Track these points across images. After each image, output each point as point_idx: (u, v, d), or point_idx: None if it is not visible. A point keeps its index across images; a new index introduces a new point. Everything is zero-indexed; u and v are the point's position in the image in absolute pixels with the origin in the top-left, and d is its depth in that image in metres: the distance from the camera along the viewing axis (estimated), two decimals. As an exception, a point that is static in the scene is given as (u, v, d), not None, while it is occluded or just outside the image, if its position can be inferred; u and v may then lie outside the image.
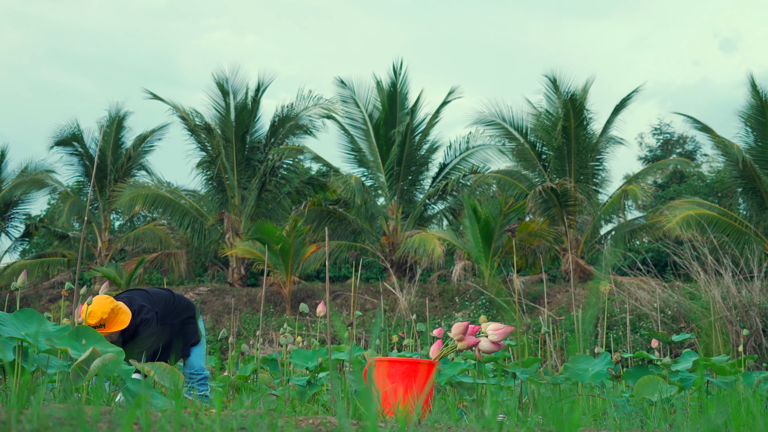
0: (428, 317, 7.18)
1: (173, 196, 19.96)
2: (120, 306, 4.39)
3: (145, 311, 4.52)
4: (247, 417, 1.88)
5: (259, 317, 16.29)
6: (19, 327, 3.15)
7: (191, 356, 4.86)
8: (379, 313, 16.00)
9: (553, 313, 13.98)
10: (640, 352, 4.67)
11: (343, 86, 19.91)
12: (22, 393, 1.97)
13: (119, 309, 4.37)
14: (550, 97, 18.78)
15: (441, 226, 21.38)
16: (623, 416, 3.86)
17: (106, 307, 4.29)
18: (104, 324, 4.29)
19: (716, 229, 15.85)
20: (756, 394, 3.53)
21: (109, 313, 4.29)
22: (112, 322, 4.32)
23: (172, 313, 4.77)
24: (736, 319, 11.95)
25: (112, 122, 21.10)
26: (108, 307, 4.30)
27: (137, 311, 4.49)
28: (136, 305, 4.52)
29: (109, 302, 4.32)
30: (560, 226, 17.67)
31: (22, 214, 22.74)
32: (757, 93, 16.83)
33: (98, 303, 4.29)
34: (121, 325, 4.33)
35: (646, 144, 30.21)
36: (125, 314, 4.39)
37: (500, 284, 16.26)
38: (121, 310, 4.38)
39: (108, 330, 4.30)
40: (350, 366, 4.45)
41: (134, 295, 4.64)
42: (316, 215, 19.13)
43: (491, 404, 1.93)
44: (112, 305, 4.32)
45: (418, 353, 5.98)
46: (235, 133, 19.73)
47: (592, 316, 9.01)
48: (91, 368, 2.84)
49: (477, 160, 20.31)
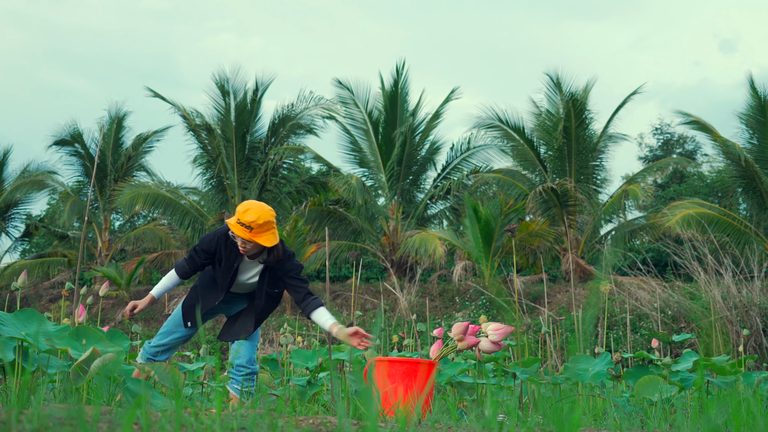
0: (428, 317, 7.18)
1: (173, 195, 19.97)
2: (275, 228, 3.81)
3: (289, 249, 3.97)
4: (247, 417, 1.88)
5: (259, 317, 16.28)
6: (19, 327, 3.15)
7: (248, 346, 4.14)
8: (380, 313, 16.00)
9: (553, 313, 13.98)
10: (640, 352, 4.67)
11: (342, 87, 19.93)
12: (23, 393, 1.97)
13: (275, 227, 3.78)
14: (551, 97, 18.79)
15: (441, 226, 21.38)
16: (623, 416, 3.86)
17: (266, 214, 3.69)
18: (253, 227, 3.68)
19: (716, 229, 15.85)
20: (756, 394, 3.53)
21: (266, 221, 3.68)
22: (262, 231, 3.70)
23: None
24: (737, 319, 11.95)
25: (112, 122, 21.11)
26: (268, 216, 3.69)
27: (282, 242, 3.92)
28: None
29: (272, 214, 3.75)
30: (560, 226, 17.67)
31: (23, 214, 22.76)
32: (756, 93, 16.83)
33: (262, 206, 3.72)
34: (268, 242, 3.71)
35: (647, 144, 30.23)
36: (276, 236, 3.79)
37: (500, 284, 16.26)
38: (275, 230, 3.79)
39: (253, 237, 3.68)
40: (350, 366, 4.45)
41: None
42: (317, 215, 19.13)
43: (491, 404, 1.93)
44: (273, 218, 3.74)
45: (419, 353, 5.98)
46: (235, 133, 19.74)
47: (592, 316, 9.01)
48: (91, 368, 2.84)
49: (478, 160, 20.34)
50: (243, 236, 3.69)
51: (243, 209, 3.69)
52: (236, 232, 3.70)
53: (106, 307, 18.01)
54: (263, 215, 3.68)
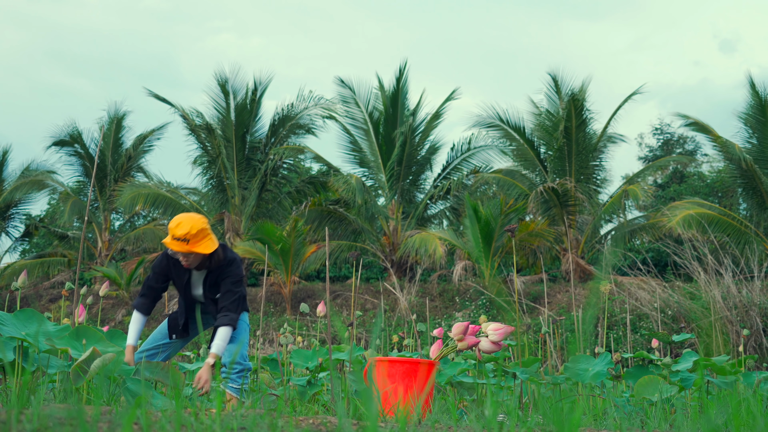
0: (428, 317, 7.18)
1: (173, 195, 19.97)
2: (211, 231, 3.83)
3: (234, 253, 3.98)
4: (248, 417, 1.88)
5: (259, 317, 16.30)
6: (19, 327, 3.15)
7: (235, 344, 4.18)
8: (380, 313, 16.00)
9: (553, 313, 13.98)
10: (640, 352, 4.67)
11: (344, 86, 19.92)
12: (23, 393, 1.97)
13: (209, 233, 3.80)
14: (551, 97, 18.80)
15: (441, 226, 21.38)
16: (623, 416, 3.86)
17: (197, 223, 3.73)
18: (189, 239, 3.71)
19: (717, 229, 15.85)
20: (756, 394, 3.53)
21: (199, 230, 3.71)
22: (198, 241, 3.74)
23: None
24: (737, 319, 11.95)
25: (112, 122, 21.11)
26: (200, 225, 3.73)
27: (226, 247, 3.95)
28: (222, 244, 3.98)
29: (203, 221, 3.78)
30: (560, 226, 17.67)
31: (23, 214, 22.76)
32: (756, 93, 16.84)
33: (191, 216, 3.77)
34: (206, 249, 3.74)
35: (647, 144, 30.23)
36: (213, 241, 3.81)
37: (500, 284, 16.26)
38: (211, 236, 3.82)
39: (191, 248, 3.72)
40: (350, 366, 4.45)
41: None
42: (317, 215, 19.13)
43: (491, 404, 1.93)
44: (205, 225, 3.76)
45: (419, 353, 5.98)
46: (235, 133, 19.75)
47: (592, 316, 9.01)
48: (91, 368, 2.84)
49: (478, 160, 20.34)
50: (181, 250, 3.74)
51: (174, 224, 3.75)
52: (174, 248, 3.76)
53: (106, 307, 18.02)
54: (195, 225, 3.73)
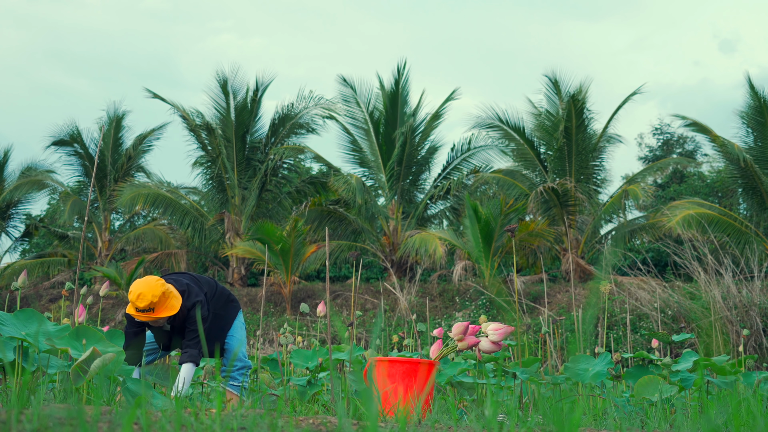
0: (428, 317, 7.18)
1: (173, 195, 19.97)
2: (171, 289, 3.99)
3: (195, 293, 4.12)
4: (248, 417, 1.88)
5: (259, 317, 16.30)
6: (19, 327, 3.15)
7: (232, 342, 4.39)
8: (380, 313, 15.99)
9: (553, 313, 13.98)
10: (640, 352, 4.67)
11: (346, 84, 19.92)
12: (23, 393, 1.97)
13: (170, 293, 3.97)
14: (550, 98, 18.79)
15: (441, 226, 21.38)
16: (623, 416, 3.86)
17: (157, 290, 3.88)
18: (154, 308, 3.88)
19: (716, 229, 15.85)
20: (756, 394, 3.53)
21: (160, 296, 3.88)
22: (162, 306, 3.91)
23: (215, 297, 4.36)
24: (737, 319, 11.95)
25: (112, 122, 21.10)
26: (159, 290, 3.88)
27: (186, 293, 4.11)
28: (183, 286, 4.13)
29: (161, 284, 3.92)
30: (560, 226, 17.66)
31: (23, 214, 22.76)
32: (755, 93, 16.84)
33: (149, 285, 3.89)
34: (172, 310, 3.93)
35: (647, 144, 30.23)
36: (176, 298, 3.99)
37: (500, 284, 16.26)
38: (172, 294, 3.98)
39: (157, 315, 3.89)
40: (350, 366, 4.45)
41: (180, 278, 4.24)
42: (317, 215, 19.13)
43: (491, 404, 1.93)
44: (164, 288, 3.92)
45: (419, 353, 5.98)
46: (235, 133, 19.74)
47: (592, 316, 9.01)
48: (91, 368, 2.84)
49: (478, 160, 20.34)
50: (148, 319, 3.91)
51: (134, 297, 3.87)
52: (140, 318, 3.91)
53: (106, 307, 18.02)
54: (155, 293, 3.88)
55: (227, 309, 4.43)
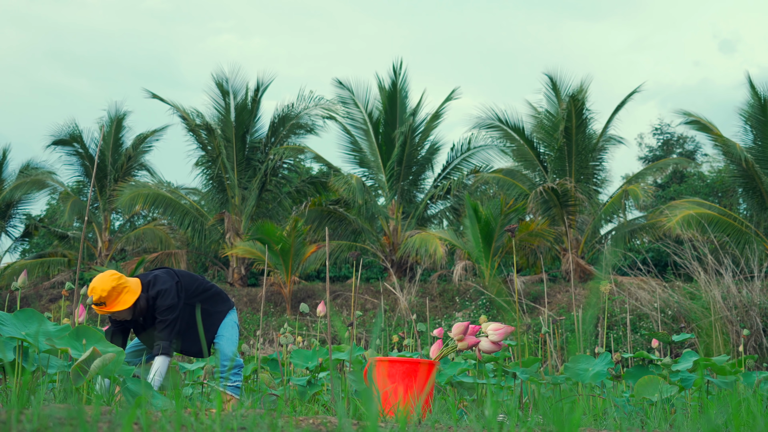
0: (428, 317, 7.18)
1: (173, 195, 19.97)
2: (126, 284, 3.97)
3: (162, 282, 4.09)
4: (248, 417, 1.87)
5: (259, 317, 16.30)
6: (19, 327, 3.15)
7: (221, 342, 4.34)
8: (380, 313, 15.98)
9: (553, 313, 13.98)
10: (640, 352, 4.66)
11: (342, 87, 19.92)
12: (23, 393, 1.97)
13: (123, 287, 3.95)
14: (550, 98, 18.79)
15: (441, 226, 21.38)
16: (623, 416, 3.86)
17: (106, 284, 3.89)
18: (105, 302, 3.90)
19: (717, 229, 15.85)
20: (756, 394, 3.53)
21: (110, 290, 3.89)
22: (113, 300, 3.91)
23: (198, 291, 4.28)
24: (737, 319, 11.95)
25: (112, 122, 21.10)
26: (109, 284, 3.89)
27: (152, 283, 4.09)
28: (150, 277, 4.12)
29: (113, 279, 3.92)
30: (560, 226, 17.66)
31: (22, 214, 22.76)
32: (756, 93, 16.84)
33: (101, 279, 3.92)
34: (123, 305, 3.92)
35: (646, 144, 30.23)
36: (130, 293, 3.96)
37: (500, 284, 16.25)
38: (126, 289, 3.96)
39: (110, 309, 3.91)
40: (350, 366, 4.45)
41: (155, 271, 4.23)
42: (317, 215, 19.12)
43: (491, 404, 1.92)
44: (115, 282, 3.91)
45: (419, 353, 5.98)
46: (235, 133, 19.74)
47: (592, 316, 9.01)
48: (91, 368, 2.84)
49: (478, 160, 20.33)
50: (103, 312, 3.97)
51: (89, 291, 3.95)
52: (99, 312, 3.99)
53: (106, 307, 18.00)
54: (104, 287, 3.91)
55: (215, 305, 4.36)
